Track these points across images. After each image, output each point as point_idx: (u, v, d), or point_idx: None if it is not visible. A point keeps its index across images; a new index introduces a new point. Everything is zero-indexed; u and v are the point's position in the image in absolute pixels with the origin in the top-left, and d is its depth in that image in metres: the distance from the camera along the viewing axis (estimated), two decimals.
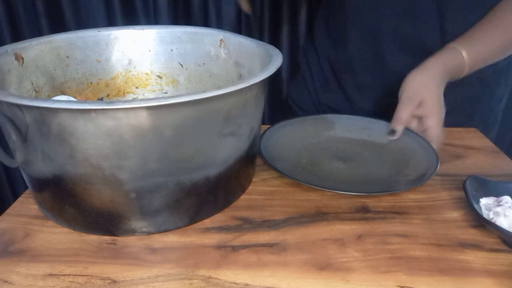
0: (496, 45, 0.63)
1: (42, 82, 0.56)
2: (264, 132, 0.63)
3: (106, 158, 0.39)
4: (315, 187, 0.51)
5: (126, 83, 0.64)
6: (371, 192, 0.51)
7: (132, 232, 0.45)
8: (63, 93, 0.58)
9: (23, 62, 0.53)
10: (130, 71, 0.63)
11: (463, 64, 0.61)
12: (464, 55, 0.61)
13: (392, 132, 0.61)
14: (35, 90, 0.54)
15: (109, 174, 0.40)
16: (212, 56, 0.60)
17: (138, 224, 0.45)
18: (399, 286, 0.39)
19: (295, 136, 0.64)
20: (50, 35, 0.57)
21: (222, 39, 0.58)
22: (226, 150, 0.45)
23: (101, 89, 0.62)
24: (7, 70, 0.50)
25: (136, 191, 0.42)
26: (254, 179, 0.56)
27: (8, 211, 0.50)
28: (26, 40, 0.54)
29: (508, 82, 0.78)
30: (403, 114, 0.60)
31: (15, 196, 0.47)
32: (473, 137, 0.68)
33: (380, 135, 0.64)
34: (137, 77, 0.64)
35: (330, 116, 0.69)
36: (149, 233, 0.45)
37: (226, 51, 0.58)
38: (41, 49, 0.55)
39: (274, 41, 1.08)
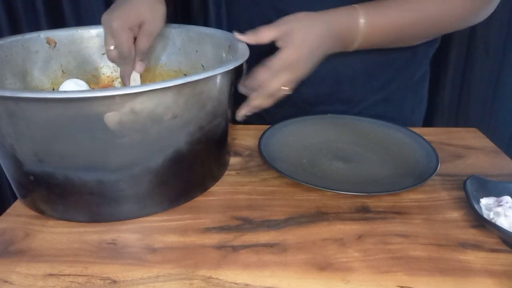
0: (399, 23, 0.57)
1: (73, 65, 0.64)
2: (264, 132, 0.63)
3: (8, 136, 0.44)
4: (315, 187, 0.51)
5: (157, 77, 0.67)
6: (371, 192, 0.51)
7: (42, 212, 0.49)
8: (94, 76, 0.66)
9: (55, 46, 0.61)
10: (161, 66, 0.67)
11: (356, 30, 0.55)
12: (361, 20, 0.54)
13: (240, 33, 0.53)
14: (62, 71, 0.63)
15: (11, 152, 0.45)
16: (223, 60, 0.60)
17: (44, 207, 0.48)
18: (399, 286, 0.39)
19: (295, 136, 0.64)
20: (89, 26, 0.64)
21: (229, 46, 0.58)
22: (124, 155, 0.44)
23: None
24: (34, 51, 0.59)
25: (34, 175, 0.45)
26: (254, 179, 0.56)
27: (8, 211, 0.50)
28: (63, 28, 0.63)
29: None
30: (268, 33, 0.52)
31: (15, 196, 0.48)
32: (473, 137, 0.68)
33: (381, 135, 0.64)
34: (167, 73, 0.67)
35: (330, 116, 0.69)
36: (57, 219, 0.48)
37: (231, 57, 0.58)
38: (77, 36, 0.64)
39: None
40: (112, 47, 0.55)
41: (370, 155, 0.61)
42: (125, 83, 0.59)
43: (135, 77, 0.59)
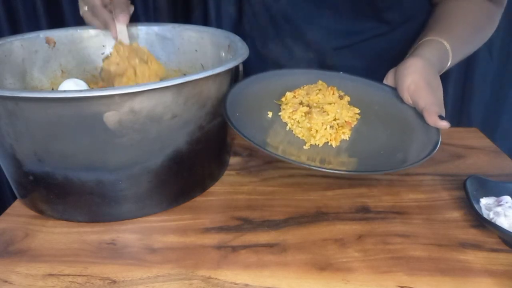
0: (467, 35, 0.62)
1: (73, 64, 0.64)
2: (249, 76, 0.58)
3: (8, 136, 0.44)
4: (253, 144, 0.46)
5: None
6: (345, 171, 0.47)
7: (42, 212, 0.49)
8: (94, 76, 0.66)
9: (54, 45, 0.61)
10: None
11: (448, 57, 0.59)
12: (448, 47, 0.58)
13: (442, 117, 0.51)
14: (62, 70, 0.63)
15: (10, 151, 0.45)
16: (222, 60, 0.60)
17: (44, 207, 0.48)
18: (400, 286, 0.39)
19: (285, 87, 0.58)
20: (88, 25, 0.63)
21: (228, 45, 0.58)
22: (124, 155, 0.44)
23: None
24: (34, 51, 0.59)
25: (33, 175, 0.45)
26: (253, 179, 0.56)
27: (8, 211, 0.50)
28: (63, 28, 0.63)
29: None
30: (437, 98, 0.54)
31: (15, 196, 0.48)
32: (473, 137, 0.68)
33: (389, 109, 0.57)
34: (166, 73, 0.66)
35: (340, 75, 0.62)
36: (57, 219, 0.48)
37: (230, 57, 0.58)
38: (77, 36, 0.64)
39: None
40: (86, 8, 0.58)
41: (363, 128, 0.56)
42: (112, 35, 0.60)
43: (121, 30, 0.59)
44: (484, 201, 0.47)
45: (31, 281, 0.40)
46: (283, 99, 0.58)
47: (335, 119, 0.55)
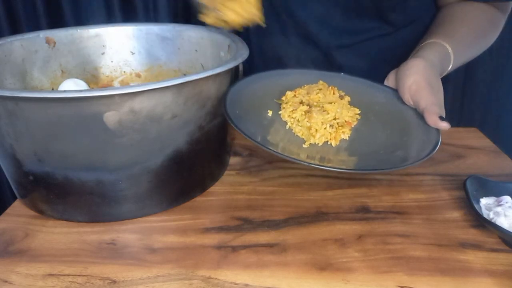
0: (469, 40, 0.62)
1: (72, 64, 0.64)
2: (250, 75, 0.59)
3: (8, 136, 0.44)
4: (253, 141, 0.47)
5: (156, 77, 0.67)
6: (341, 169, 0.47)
7: (42, 212, 0.49)
8: (94, 76, 0.66)
9: (54, 45, 0.61)
10: (161, 66, 0.67)
11: (449, 60, 0.60)
12: (449, 50, 0.59)
13: (442, 118, 0.51)
14: (62, 70, 0.63)
15: (10, 151, 0.45)
16: (222, 60, 0.60)
17: (44, 207, 0.48)
18: (400, 286, 0.39)
19: (285, 87, 0.59)
20: (88, 25, 0.64)
21: (228, 45, 0.58)
22: (124, 155, 0.44)
23: (133, 79, 0.68)
24: (34, 51, 0.59)
25: (33, 175, 0.45)
26: (253, 179, 0.56)
27: (8, 211, 0.50)
28: (63, 28, 0.63)
29: None
30: (438, 99, 0.55)
31: (15, 196, 0.49)
32: (473, 137, 0.68)
33: (389, 109, 0.57)
34: (166, 73, 0.67)
35: (341, 76, 0.62)
36: (57, 219, 0.48)
37: (230, 57, 0.58)
38: (77, 36, 0.63)
39: None
40: None
41: (363, 128, 0.56)
42: None
43: None
44: (484, 201, 0.47)
45: (31, 281, 0.40)
46: (283, 98, 0.58)
47: (335, 119, 0.55)
